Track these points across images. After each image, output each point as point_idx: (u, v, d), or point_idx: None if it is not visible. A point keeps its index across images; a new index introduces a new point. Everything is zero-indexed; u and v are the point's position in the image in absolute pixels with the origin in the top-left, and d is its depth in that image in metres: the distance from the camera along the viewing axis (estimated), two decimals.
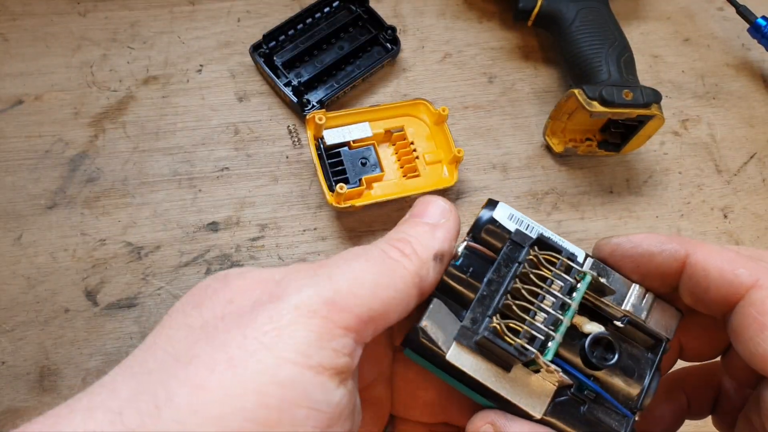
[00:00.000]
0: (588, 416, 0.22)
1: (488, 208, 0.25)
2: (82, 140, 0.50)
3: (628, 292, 0.24)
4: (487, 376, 0.22)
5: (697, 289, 0.23)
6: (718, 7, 0.61)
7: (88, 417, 0.18)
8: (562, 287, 0.23)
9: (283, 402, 0.18)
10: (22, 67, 0.53)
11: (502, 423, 0.22)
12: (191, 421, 0.17)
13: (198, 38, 0.55)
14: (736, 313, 0.22)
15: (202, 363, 0.18)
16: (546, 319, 0.22)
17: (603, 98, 0.46)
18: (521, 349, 0.21)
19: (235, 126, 0.52)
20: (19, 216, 0.48)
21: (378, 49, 0.55)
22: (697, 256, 0.23)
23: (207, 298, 0.21)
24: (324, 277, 0.20)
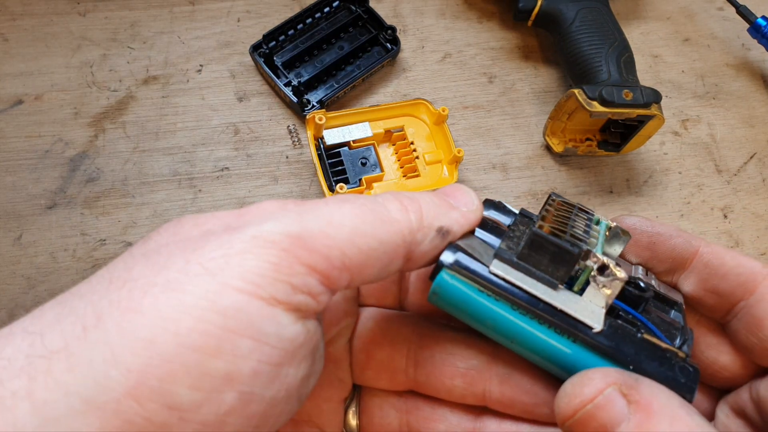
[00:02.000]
0: (645, 337, 0.20)
1: (488, 207, 0.25)
2: (82, 140, 0.50)
3: (632, 270, 0.24)
4: (537, 289, 0.20)
5: (713, 276, 0.23)
6: (718, 7, 0.61)
7: (5, 341, 0.16)
8: (586, 224, 0.22)
9: (223, 330, 0.16)
10: (22, 67, 0.53)
11: (630, 383, 0.18)
12: (119, 343, 0.16)
13: (198, 38, 0.55)
14: (755, 300, 0.22)
15: (138, 286, 0.17)
16: (584, 229, 0.22)
17: (603, 98, 0.46)
18: (573, 241, 0.20)
19: (235, 126, 0.52)
20: (19, 216, 0.48)
21: (378, 49, 0.55)
22: (711, 247, 0.24)
23: (155, 234, 0.20)
24: (294, 212, 0.18)
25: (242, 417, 0.16)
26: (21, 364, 0.15)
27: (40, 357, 0.15)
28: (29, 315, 0.18)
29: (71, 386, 0.15)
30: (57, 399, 0.15)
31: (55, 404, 0.15)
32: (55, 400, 0.15)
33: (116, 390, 0.15)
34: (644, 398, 0.18)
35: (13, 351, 0.16)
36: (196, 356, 0.16)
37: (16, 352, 0.16)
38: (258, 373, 0.16)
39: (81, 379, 0.15)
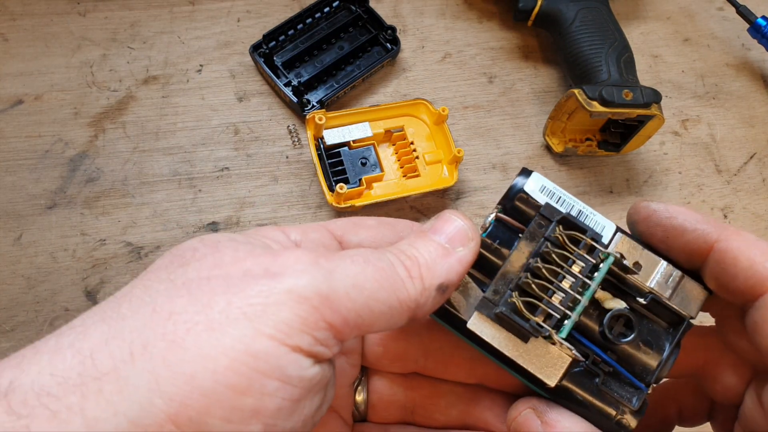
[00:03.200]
0: (601, 387, 0.23)
1: (522, 176, 0.25)
2: (82, 140, 0.50)
3: (655, 269, 0.24)
4: (505, 345, 0.23)
5: (724, 275, 0.23)
6: (718, 7, 0.61)
7: (56, 357, 0.18)
8: (583, 268, 0.23)
9: (255, 371, 0.18)
10: (22, 67, 0.53)
11: (543, 409, 0.23)
12: (164, 374, 0.17)
13: (198, 38, 0.55)
14: (757, 307, 0.22)
15: (181, 320, 0.18)
16: (564, 298, 0.23)
17: (603, 98, 0.46)
18: (536, 326, 0.22)
19: (235, 126, 0.52)
20: (19, 216, 0.48)
21: (378, 49, 0.55)
22: (730, 242, 0.23)
23: (194, 260, 0.21)
24: (325, 270, 0.20)
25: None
26: (75, 382, 0.17)
27: (92, 378, 0.17)
28: (72, 327, 0.19)
29: (119, 407, 0.17)
30: (107, 417, 0.17)
31: (104, 422, 0.17)
32: (105, 419, 0.17)
33: (159, 416, 0.17)
34: (551, 420, 0.23)
35: (66, 368, 0.17)
36: (230, 393, 0.18)
37: (69, 370, 0.17)
38: (281, 408, 0.19)
39: (128, 401, 0.17)
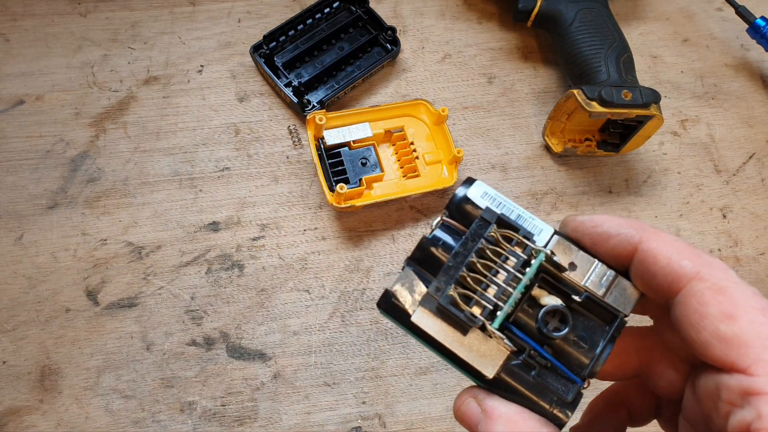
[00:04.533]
0: (537, 380, 0.24)
1: (465, 186, 0.27)
2: (83, 140, 0.51)
3: (590, 268, 0.25)
4: (445, 338, 0.24)
5: (646, 274, 0.24)
6: (717, 8, 0.61)
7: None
8: (515, 263, 0.25)
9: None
10: (23, 67, 0.53)
11: (482, 397, 0.25)
12: None
13: (199, 39, 0.55)
14: (678, 301, 0.23)
15: None
16: (497, 291, 0.24)
17: (602, 98, 0.46)
18: (471, 316, 0.24)
19: (235, 126, 0.52)
20: (20, 216, 0.48)
21: (378, 49, 0.55)
22: (650, 243, 0.24)
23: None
24: None
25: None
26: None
27: None
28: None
29: None
30: None
31: None
32: None
33: None
34: (488, 407, 0.24)
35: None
36: None
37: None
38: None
39: None
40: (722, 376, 0.22)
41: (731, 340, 0.22)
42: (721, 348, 0.22)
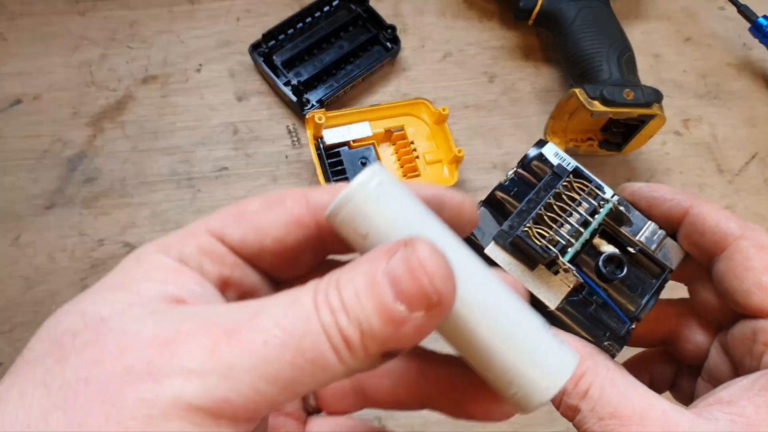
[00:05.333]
0: (594, 315, 0.27)
1: (538, 146, 0.30)
2: (81, 140, 0.50)
3: (643, 227, 0.29)
4: (515, 270, 0.27)
5: (695, 233, 0.28)
6: (720, 7, 0.60)
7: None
8: (587, 208, 0.28)
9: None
10: (21, 66, 0.53)
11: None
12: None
13: (197, 37, 0.55)
14: (724, 257, 0.27)
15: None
16: (569, 230, 0.27)
17: (604, 97, 0.46)
18: (545, 248, 0.26)
19: (234, 125, 0.52)
20: (17, 216, 0.48)
21: (378, 48, 0.55)
22: (701, 207, 0.28)
23: (73, 352, 0.17)
24: (224, 364, 0.17)
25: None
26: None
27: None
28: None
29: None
30: None
31: None
32: None
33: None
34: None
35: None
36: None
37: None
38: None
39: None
40: (760, 321, 0.26)
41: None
42: (761, 296, 0.25)
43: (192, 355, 0.17)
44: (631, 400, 0.24)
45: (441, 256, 0.17)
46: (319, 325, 0.17)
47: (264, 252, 0.21)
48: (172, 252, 0.21)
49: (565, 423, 0.42)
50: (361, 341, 0.17)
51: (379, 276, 0.17)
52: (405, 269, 0.17)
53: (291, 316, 0.17)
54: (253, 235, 0.21)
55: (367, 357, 0.17)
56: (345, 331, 0.17)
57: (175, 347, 0.17)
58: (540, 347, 0.19)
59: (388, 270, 0.17)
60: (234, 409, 0.17)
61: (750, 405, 0.23)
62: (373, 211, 0.19)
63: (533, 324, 0.19)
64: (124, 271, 0.20)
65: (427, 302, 0.17)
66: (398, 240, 0.18)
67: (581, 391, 0.25)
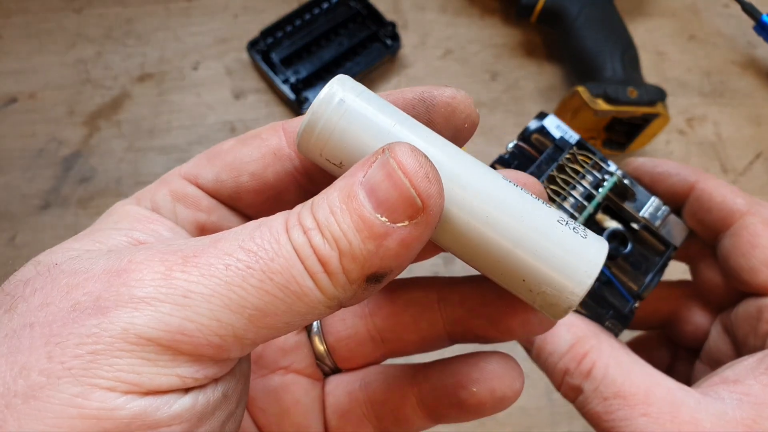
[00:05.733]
0: (596, 293, 0.26)
1: (538, 118, 0.29)
2: (77, 139, 0.50)
3: (647, 202, 0.28)
4: None
5: (701, 209, 0.27)
6: (724, 4, 0.60)
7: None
8: (591, 181, 0.27)
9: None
10: (16, 64, 0.52)
11: None
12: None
13: (194, 34, 0.54)
14: (730, 233, 0.26)
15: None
16: (573, 203, 0.27)
17: (607, 96, 0.45)
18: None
19: (231, 124, 0.51)
20: (12, 216, 0.47)
21: (378, 45, 0.54)
22: (707, 183, 0.27)
23: (22, 299, 0.16)
24: (179, 291, 0.15)
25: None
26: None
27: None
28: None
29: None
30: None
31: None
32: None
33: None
34: None
35: None
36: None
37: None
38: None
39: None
40: (765, 299, 0.25)
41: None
42: (767, 273, 0.25)
43: (143, 282, 0.15)
44: (635, 379, 0.23)
45: (421, 155, 0.16)
46: (290, 246, 0.15)
47: (242, 191, 0.20)
48: (144, 202, 0.20)
49: (567, 424, 0.41)
50: (340, 262, 0.15)
51: (356, 187, 0.16)
52: (382, 175, 0.15)
53: (258, 238, 0.16)
54: (228, 173, 0.19)
55: (350, 282, 0.15)
56: (320, 250, 0.15)
57: (125, 276, 0.15)
58: (560, 241, 0.17)
59: (364, 180, 0.16)
60: (193, 343, 0.15)
61: (757, 384, 0.23)
62: (341, 136, 0.17)
63: (547, 216, 0.17)
64: (93, 225, 0.19)
65: (410, 208, 0.15)
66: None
67: (584, 370, 0.24)
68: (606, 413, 0.23)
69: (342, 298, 0.16)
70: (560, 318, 0.18)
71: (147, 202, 0.20)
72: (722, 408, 0.22)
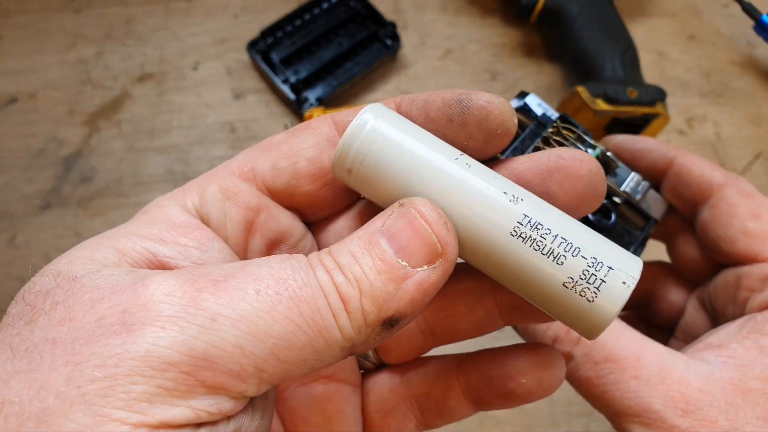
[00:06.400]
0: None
1: (519, 97, 0.29)
2: (77, 139, 0.50)
3: (627, 177, 0.28)
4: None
5: (680, 183, 0.28)
6: (724, 4, 0.60)
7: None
8: None
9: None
10: (16, 64, 0.52)
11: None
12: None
13: (194, 34, 0.54)
14: (708, 206, 0.27)
15: (13, 414, 0.14)
16: None
17: (607, 96, 0.45)
18: None
19: (231, 124, 0.51)
20: (12, 216, 0.47)
21: (378, 45, 0.54)
22: (686, 158, 0.28)
23: (44, 312, 0.16)
24: (206, 314, 0.15)
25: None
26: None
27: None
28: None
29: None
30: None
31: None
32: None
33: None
34: None
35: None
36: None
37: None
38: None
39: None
40: (743, 268, 0.26)
41: (757, 235, 0.25)
42: (746, 241, 0.25)
43: (173, 299, 0.15)
44: (625, 343, 0.24)
45: (439, 209, 0.17)
46: (315, 281, 0.16)
47: (300, 176, 0.19)
48: (190, 197, 0.19)
49: (567, 424, 0.41)
50: (360, 302, 0.16)
51: (376, 235, 0.16)
52: (404, 223, 0.17)
53: (288, 267, 0.16)
54: (285, 160, 0.19)
55: (366, 325, 0.16)
56: (342, 288, 0.16)
57: (150, 295, 0.15)
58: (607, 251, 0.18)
59: (384, 229, 0.17)
60: (213, 370, 0.15)
61: (740, 347, 0.23)
62: (369, 175, 0.18)
63: (591, 235, 0.18)
64: (122, 226, 0.19)
65: (430, 253, 0.16)
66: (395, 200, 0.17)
67: (574, 336, 0.24)
68: (597, 377, 0.23)
69: (356, 341, 0.16)
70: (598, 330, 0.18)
71: (195, 197, 0.19)
72: (710, 369, 0.23)
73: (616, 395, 0.23)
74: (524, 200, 0.18)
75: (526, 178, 0.19)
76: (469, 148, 0.19)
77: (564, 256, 0.17)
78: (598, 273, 0.17)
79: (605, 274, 0.17)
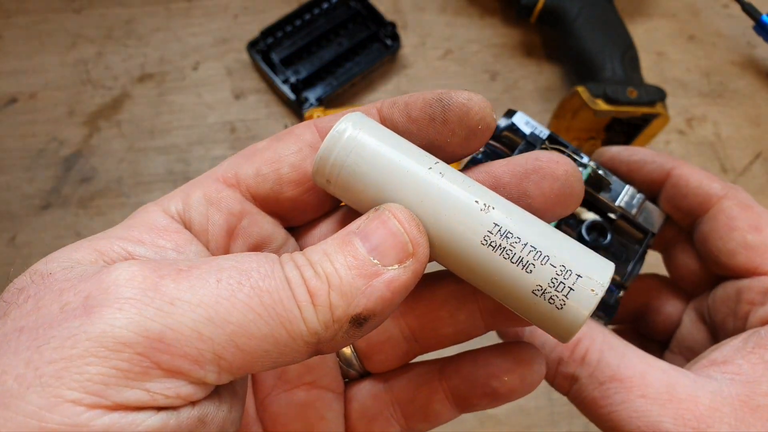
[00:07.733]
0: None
1: (507, 116, 0.28)
2: (77, 139, 0.50)
3: (622, 191, 0.28)
4: None
5: (677, 195, 0.27)
6: (724, 4, 0.60)
7: None
8: None
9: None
10: (17, 65, 0.52)
11: None
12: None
13: (194, 35, 0.54)
14: (707, 218, 0.26)
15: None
16: None
17: (607, 96, 0.45)
18: None
19: (231, 124, 0.51)
20: (12, 216, 0.47)
21: (378, 45, 0.54)
22: (683, 169, 0.27)
23: (15, 306, 0.16)
24: (164, 299, 0.15)
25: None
26: None
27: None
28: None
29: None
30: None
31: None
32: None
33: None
34: None
35: None
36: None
37: None
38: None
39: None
40: (743, 281, 0.25)
41: (757, 248, 0.25)
42: (746, 255, 0.25)
43: (133, 284, 0.15)
44: (630, 362, 0.24)
45: (409, 212, 0.17)
46: (282, 274, 0.16)
47: (283, 182, 0.20)
48: (174, 203, 0.19)
49: (567, 424, 0.41)
50: (328, 296, 0.16)
51: (350, 235, 0.17)
52: (377, 223, 0.17)
53: (253, 261, 0.16)
54: (269, 166, 0.20)
55: (334, 320, 0.16)
56: (311, 282, 0.16)
57: (117, 275, 0.15)
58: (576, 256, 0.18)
59: (358, 230, 0.17)
60: (170, 353, 0.15)
61: (746, 363, 0.23)
62: (347, 184, 0.18)
63: (566, 241, 0.18)
64: (107, 230, 0.19)
65: (402, 252, 0.17)
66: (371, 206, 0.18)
67: (578, 357, 0.24)
68: (603, 398, 0.23)
69: (322, 337, 0.16)
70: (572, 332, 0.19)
71: (179, 203, 0.20)
72: (717, 386, 0.23)
73: (624, 415, 0.23)
74: (495, 208, 0.18)
75: (504, 180, 0.19)
76: (452, 145, 0.19)
77: (533, 264, 0.17)
78: (566, 281, 0.17)
79: (573, 282, 0.17)
